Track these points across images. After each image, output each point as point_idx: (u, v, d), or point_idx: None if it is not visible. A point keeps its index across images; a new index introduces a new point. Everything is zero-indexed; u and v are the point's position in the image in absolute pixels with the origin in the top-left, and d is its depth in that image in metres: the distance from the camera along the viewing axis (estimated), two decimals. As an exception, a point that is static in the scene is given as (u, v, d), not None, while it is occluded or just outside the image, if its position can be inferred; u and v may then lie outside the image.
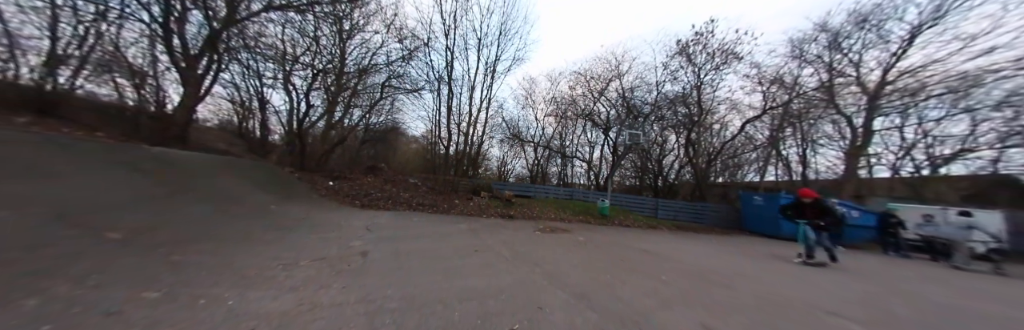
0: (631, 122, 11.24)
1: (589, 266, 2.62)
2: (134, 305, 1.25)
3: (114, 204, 2.15)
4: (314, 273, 1.92)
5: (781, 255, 4.44)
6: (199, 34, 5.86)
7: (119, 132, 4.32)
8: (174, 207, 2.54)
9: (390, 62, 9.24)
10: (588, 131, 14.08)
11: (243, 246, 2.26)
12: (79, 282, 1.34)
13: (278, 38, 7.65)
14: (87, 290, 1.30)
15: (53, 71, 4.25)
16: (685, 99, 10.97)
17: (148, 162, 3.05)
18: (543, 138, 14.73)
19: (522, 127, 15.09)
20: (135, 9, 5.04)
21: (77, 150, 2.53)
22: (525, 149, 15.41)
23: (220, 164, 4.53)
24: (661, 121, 11.80)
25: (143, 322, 1.14)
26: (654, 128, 12.07)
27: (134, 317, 1.16)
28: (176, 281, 1.53)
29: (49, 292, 1.22)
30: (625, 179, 14.90)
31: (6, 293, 1.15)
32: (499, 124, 14.41)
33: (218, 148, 6.80)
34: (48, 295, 1.20)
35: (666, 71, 11.03)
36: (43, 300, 1.17)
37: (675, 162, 12.59)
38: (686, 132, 11.21)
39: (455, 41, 9.24)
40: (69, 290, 1.27)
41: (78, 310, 1.15)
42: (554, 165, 15.62)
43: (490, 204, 7.13)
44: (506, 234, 4.12)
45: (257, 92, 8.96)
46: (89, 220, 1.85)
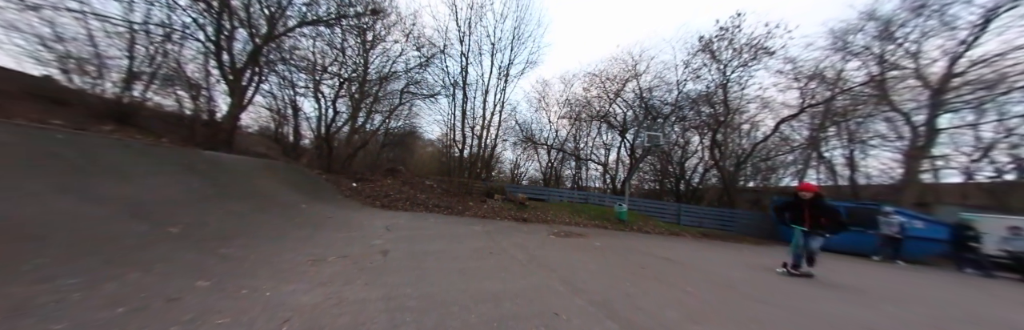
0: (650, 123, 10.64)
1: (607, 273, 2.54)
2: (190, 293, 1.40)
3: (174, 201, 2.42)
4: (340, 269, 2.03)
5: (829, 268, 3.89)
6: (244, 50, 6.51)
7: (179, 138, 4.88)
8: (221, 205, 2.81)
9: (408, 69, 9.71)
10: (603, 133, 13.73)
11: (278, 242, 2.44)
12: (147, 270, 1.52)
13: (309, 51, 8.29)
14: (153, 277, 1.47)
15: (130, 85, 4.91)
16: (709, 98, 10.22)
17: (201, 164, 3.41)
18: (557, 141, 14.53)
19: (535, 130, 15.00)
20: (193, 30, 5.73)
21: (147, 154, 2.89)
22: (538, 152, 15.34)
23: (259, 166, 4.94)
24: (683, 122, 11.07)
25: (197, 308, 1.27)
26: (675, 129, 11.37)
27: (190, 304, 1.30)
28: (223, 272, 1.69)
29: (124, 278, 1.40)
30: (644, 183, 14.25)
31: (93, 278, 1.34)
32: (512, 127, 14.50)
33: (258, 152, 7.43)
34: (123, 281, 1.38)
35: (687, 69, 10.37)
36: (119, 285, 1.34)
37: (699, 165, 11.76)
38: (711, 133, 10.40)
39: (470, 47, 9.54)
40: (140, 277, 1.44)
41: (146, 295, 1.31)
42: (568, 168, 15.38)
43: (503, 207, 7.16)
44: (520, 237, 4.11)
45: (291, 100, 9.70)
46: (155, 215, 2.09)
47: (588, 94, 12.86)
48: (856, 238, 6.12)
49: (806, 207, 3.08)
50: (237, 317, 1.24)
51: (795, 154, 11.14)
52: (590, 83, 12.73)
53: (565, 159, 14.96)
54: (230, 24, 5.94)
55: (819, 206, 3.08)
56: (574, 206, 8.37)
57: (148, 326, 1.09)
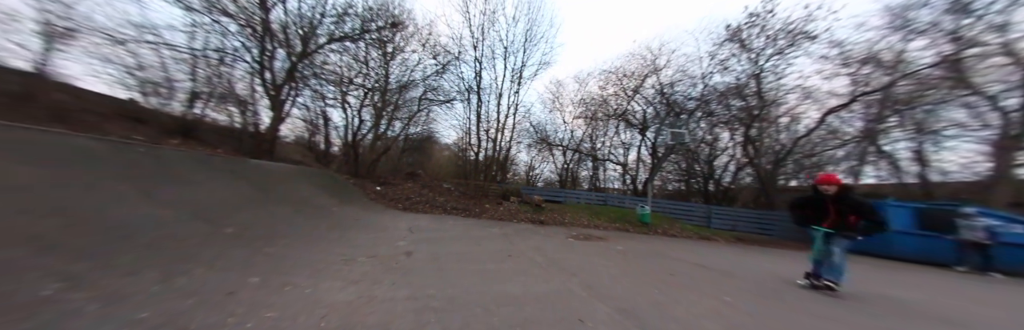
0: (673, 120, 9.92)
1: (632, 279, 2.42)
2: (243, 288, 1.55)
3: (228, 205, 2.70)
4: (369, 269, 2.14)
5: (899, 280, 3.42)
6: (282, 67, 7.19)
7: (230, 148, 5.47)
8: (266, 208, 3.09)
9: (425, 77, 10.15)
10: (622, 132, 13.15)
11: (314, 242, 2.63)
12: (209, 266, 1.70)
13: (337, 65, 8.96)
14: (214, 273, 1.64)
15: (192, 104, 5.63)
16: (740, 91, 9.22)
17: (249, 172, 3.79)
18: (572, 141, 14.21)
19: (550, 131, 14.76)
20: (242, 52, 6.45)
21: (206, 163, 3.27)
22: (553, 153, 15.14)
23: (296, 172, 5.38)
24: (710, 117, 10.06)
25: (250, 302, 1.40)
26: (701, 125, 10.41)
27: (244, 298, 1.44)
28: (269, 269, 1.85)
29: (191, 273, 1.58)
30: (667, 183, 13.40)
31: (168, 272, 1.52)
32: (526, 129, 14.48)
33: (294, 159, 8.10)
34: (191, 276, 1.56)
35: (714, 61, 9.49)
36: (188, 279, 1.51)
37: (730, 163, 10.70)
38: (744, 128, 9.39)
39: (483, 52, 9.78)
40: (203, 272, 1.62)
41: (208, 288, 1.46)
42: (585, 169, 15.00)
43: (520, 209, 7.15)
44: (538, 240, 4.07)
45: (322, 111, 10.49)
46: (213, 217, 2.35)
47: (604, 92, 12.41)
48: (928, 244, 5.32)
49: (829, 204, 2.44)
50: (282, 311, 1.35)
51: (846, 149, 9.47)
52: (606, 81, 12.26)
53: (581, 160, 14.62)
54: (271, 45, 6.60)
55: (847, 203, 2.41)
56: (592, 208, 8.14)
57: (212, 317, 1.22)
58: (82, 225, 1.59)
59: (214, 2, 5.74)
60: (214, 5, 5.76)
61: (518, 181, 15.41)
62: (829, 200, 2.45)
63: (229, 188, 3.02)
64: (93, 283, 1.26)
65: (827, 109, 8.90)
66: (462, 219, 5.84)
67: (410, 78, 10.07)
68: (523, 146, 15.19)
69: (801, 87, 9.39)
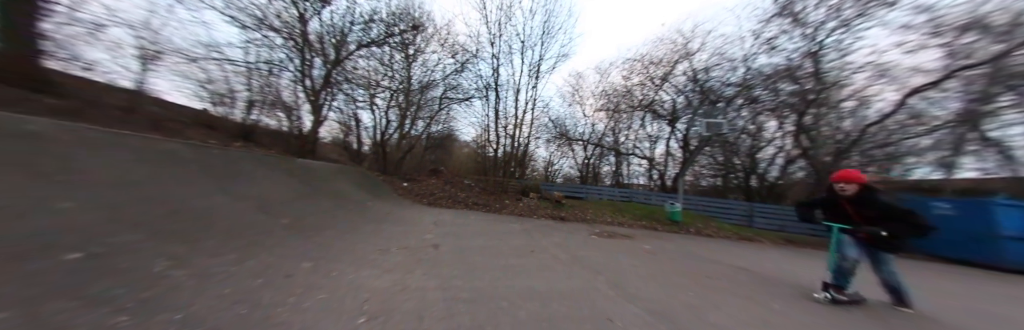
0: (708, 109, 8.81)
1: (663, 280, 2.29)
2: (298, 272, 1.76)
3: (283, 199, 3.07)
4: (401, 259, 2.31)
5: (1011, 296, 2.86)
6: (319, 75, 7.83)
7: (281, 149, 6.16)
8: (312, 202, 3.45)
9: (445, 76, 10.41)
10: (648, 124, 12.15)
11: (354, 234, 2.89)
12: (271, 252, 1.96)
13: (365, 70, 9.52)
14: (275, 258, 1.89)
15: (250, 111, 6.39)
16: (792, 73, 7.82)
17: (297, 170, 4.24)
18: (593, 135, 13.56)
19: (569, 125, 14.23)
20: (286, 63, 7.13)
21: (263, 162, 3.73)
22: (573, 148, 14.70)
23: (334, 170, 5.89)
24: (754, 104, 8.78)
25: (305, 284, 1.60)
26: (742, 114, 9.12)
27: (299, 281, 1.64)
28: (319, 257, 2.08)
29: (258, 257, 1.84)
30: (700, 178, 12.20)
31: (241, 256, 1.79)
32: (545, 124, 14.18)
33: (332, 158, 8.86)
34: (258, 259, 1.81)
35: (758, 41, 8.22)
36: (256, 263, 1.76)
37: (777, 156, 9.22)
38: (796, 115, 8.00)
39: (500, 48, 9.73)
40: (266, 257, 1.87)
41: (272, 271, 1.69)
42: (607, 164, 14.39)
43: (539, 205, 7.14)
44: (559, 236, 4.05)
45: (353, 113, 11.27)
46: (272, 209, 2.69)
47: (628, 82, 11.57)
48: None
49: (847, 206, 1.94)
50: (331, 293, 1.52)
51: (936, 136, 7.42)
52: (630, 70, 11.41)
53: (603, 154, 14.00)
54: (309, 55, 7.20)
55: (871, 206, 1.87)
56: (616, 205, 7.85)
57: (275, 295, 1.42)
58: (178, 214, 1.91)
59: (263, 19, 6.41)
60: (263, 22, 6.43)
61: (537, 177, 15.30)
62: (846, 202, 1.95)
63: (282, 184, 3.41)
64: (189, 262, 1.52)
65: (910, 89, 7.07)
66: (483, 214, 6.00)
67: (431, 78, 10.41)
68: (541, 142, 14.96)
69: (874, 64, 7.52)
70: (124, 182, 1.89)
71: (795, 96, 8.09)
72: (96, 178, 1.78)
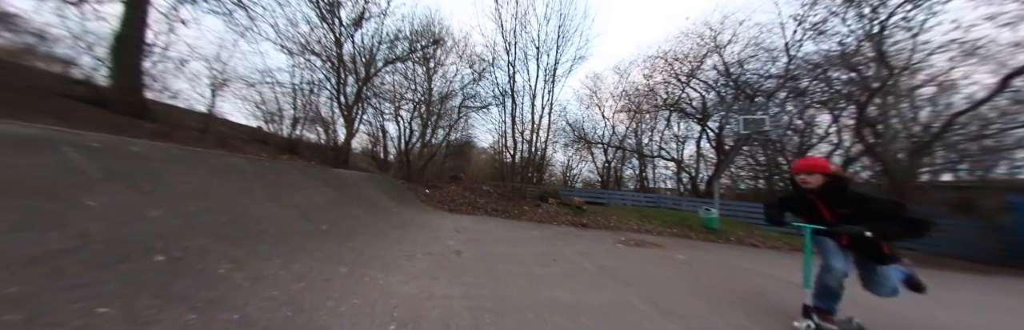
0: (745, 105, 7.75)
1: (703, 295, 2.07)
2: (335, 276, 1.87)
3: (322, 206, 3.32)
4: (426, 266, 2.35)
5: None
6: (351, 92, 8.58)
7: (319, 160, 6.74)
8: (346, 209, 3.68)
9: (464, 86, 10.89)
10: (674, 124, 11.53)
11: (383, 239, 3.02)
12: (312, 256, 2.11)
13: (391, 84, 10.28)
14: (316, 262, 2.03)
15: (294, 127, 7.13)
16: (847, 59, 6.68)
17: (333, 179, 4.59)
18: (614, 137, 13.18)
19: (588, 128, 13.95)
20: (323, 82, 7.94)
21: (305, 173, 4.10)
22: (592, 151, 14.29)
23: (365, 179, 6.28)
24: (801, 97, 7.72)
25: (341, 289, 1.68)
26: (787, 109, 8.05)
27: (336, 285, 1.73)
28: (353, 262, 2.19)
29: (301, 261, 1.98)
30: (738, 181, 10.96)
31: (287, 260, 1.94)
32: (562, 128, 13.99)
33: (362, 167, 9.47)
34: (301, 263, 1.95)
35: (801, 26, 7.27)
36: (300, 266, 1.90)
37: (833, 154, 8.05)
38: (856, 107, 6.81)
39: (516, 55, 10.01)
40: (309, 261, 2.01)
41: (313, 275, 1.81)
42: (629, 167, 13.77)
43: (559, 211, 6.98)
44: (582, 244, 3.91)
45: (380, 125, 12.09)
46: (312, 217, 2.91)
47: (650, 81, 11.06)
48: None
49: (818, 202, 1.50)
50: (364, 298, 1.59)
51: None
52: (652, 68, 10.93)
53: (626, 157, 13.44)
54: (343, 74, 7.97)
55: (844, 200, 1.43)
56: (641, 211, 7.41)
57: (316, 299, 1.50)
58: (238, 221, 2.14)
59: (306, 45, 7.30)
60: (306, 47, 7.32)
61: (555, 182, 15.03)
62: (815, 197, 1.50)
63: (321, 193, 3.70)
64: (246, 266, 1.68)
65: (1012, 69, 5.62)
66: (502, 221, 5.97)
67: (450, 88, 10.96)
68: (559, 146, 14.74)
69: (958, 42, 6.01)
70: (198, 193, 2.18)
71: (853, 85, 6.92)
72: (178, 190, 2.07)
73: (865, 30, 6.44)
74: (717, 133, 9.61)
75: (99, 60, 4.47)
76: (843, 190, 1.44)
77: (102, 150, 1.91)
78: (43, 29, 4.37)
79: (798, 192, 1.58)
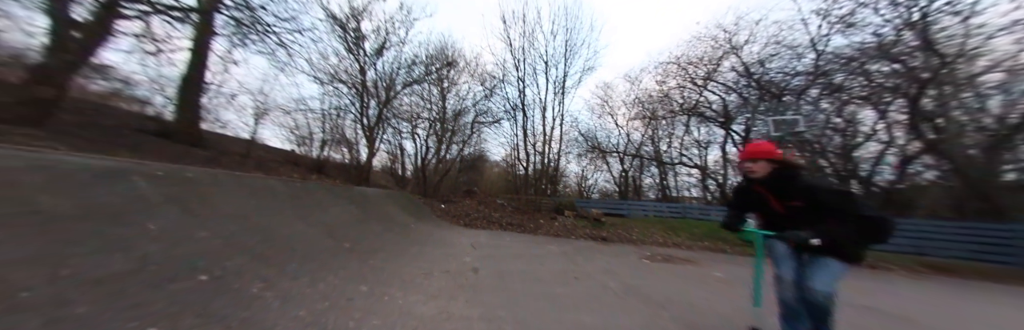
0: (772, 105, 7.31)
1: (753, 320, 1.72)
2: (358, 295, 1.87)
3: (345, 224, 3.43)
4: (444, 284, 2.30)
5: None
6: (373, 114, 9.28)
7: (344, 179, 7.12)
8: (367, 226, 3.78)
9: (476, 102, 11.46)
10: (694, 129, 11.09)
11: (401, 256, 3.02)
12: (337, 275, 2.14)
13: (408, 105, 11.02)
14: (340, 280, 2.05)
15: (323, 149, 7.74)
16: (886, 50, 6.09)
17: (356, 197, 4.79)
18: (629, 146, 12.78)
19: (601, 137, 13.64)
20: (348, 107, 8.70)
21: (331, 191, 4.32)
22: (608, 161, 13.90)
23: (384, 195, 6.49)
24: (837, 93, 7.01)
25: (363, 309, 1.67)
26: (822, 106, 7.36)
27: (358, 304, 1.73)
28: (374, 280, 2.19)
29: (327, 280, 2.01)
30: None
31: (313, 279, 1.98)
32: (574, 138, 13.85)
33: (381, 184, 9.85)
34: (327, 282, 1.98)
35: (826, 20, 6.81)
36: (325, 285, 1.93)
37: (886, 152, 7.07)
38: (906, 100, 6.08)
39: (525, 71, 10.49)
40: (333, 280, 2.04)
41: (337, 294, 1.82)
42: (648, 175, 13.13)
43: (576, 224, 6.71)
44: (604, 260, 3.69)
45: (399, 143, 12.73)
46: (337, 234, 3.00)
47: (664, 87, 10.69)
48: None
49: (767, 194, 1.29)
50: (384, 319, 1.56)
51: None
52: (665, 74, 10.55)
53: (644, 166, 12.90)
54: (366, 98, 8.72)
55: (792, 191, 1.21)
56: (666, 222, 6.99)
57: (339, 319, 1.50)
58: (271, 240, 2.26)
59: (334, 75, 8.22)
60: (334, 77, 8.22)
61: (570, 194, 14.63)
62: (763, 188, 1.29)
63: (345, 211, 3.85)
64: (276, 284, 1.73)
65: None
66: (518, 235, 5.81)
67: (463, 106, 11.55)
68: (572, 156, 14.51)
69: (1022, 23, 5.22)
70: (238, 214, 2.35)
71: (899, 77, 6.17)
72: (221, 212, 2.25)
73: (903, 18, 5.84)
74: (743, 136, 8.95)
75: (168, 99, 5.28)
76: (792, 179, 1.22)
77: (163, 178, 2.16)
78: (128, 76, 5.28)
79: (747, 184, 1.38)
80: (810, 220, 1.13)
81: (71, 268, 1.19)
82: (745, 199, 1.43)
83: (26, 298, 1.01)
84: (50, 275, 1.13)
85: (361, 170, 8.53)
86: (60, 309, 1.03)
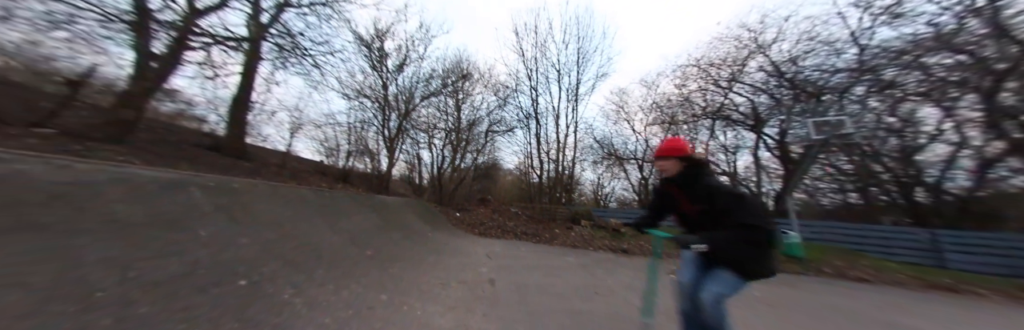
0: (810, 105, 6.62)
1: None
2: (378, 304, 1.88)
3: (367, 232, 3.54)
4: (461, 295, 2.26)
5: None
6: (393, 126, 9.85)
7: (366, 188, 7.46)
8: (387, 234, 3.87)
9: (489, 112, 11.80)
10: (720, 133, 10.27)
11: (420, 265, 3.04)
12: (359, 283, 2.18)
13: (425, 117, 11.59)
14: (362, 289, 2.08)
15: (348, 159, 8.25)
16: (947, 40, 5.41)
17: (377, 205, 4.97)
18: (649, 152, 12.31)
19: (618, 143, 13.29)
20: (371, 120, 9.33)
21: (355, 200, 4.53)
22: (625, 168, 13.43)
23: (402, 204, 6.68)
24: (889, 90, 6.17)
25: (383, 318, 1.67)
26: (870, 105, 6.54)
27: (379, 313, 1.74)
28: (393, 289, 2.21)
29: (350, 288, 2.06)
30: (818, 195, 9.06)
31: (337, 287, 2.03)
32: (589, 145, 13.58)
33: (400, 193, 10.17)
34: (350, 290, 2.02)
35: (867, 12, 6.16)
36: (348, 293, 1.97)
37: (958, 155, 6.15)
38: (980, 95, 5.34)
39: (537, 80, 10.69)
40: (356, 288, 2.08)
41: (359, 302, 1.85)
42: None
43: (594, 234, 6.43)
44: (627, 274, 3.46)
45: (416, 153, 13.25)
46: (360, 242, 3.10)
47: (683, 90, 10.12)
48: None
49: (679, 195, 1.21)
50: None
51: None
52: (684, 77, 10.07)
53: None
54: (387, 111, 9.33)
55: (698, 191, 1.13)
56: None
57: (360, 327, 1.51)
58: (302, 247, 2.37)
59: (360, 91, 8.96)
60: (360, 92, 8.95)
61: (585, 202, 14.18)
62: (675, 189, 1.22)
63: (367, 219, 3.99)
64: (305, 291, 1.79)
65: None
66: (533, 245, 5.65)
67: (477, 116, 11.93)
68: (587, 164, 14.19)
69: None
70: (274, 222, 2.52)
71: (965, 69, 5.46)
72: (260, 219, 2.43)
73: (965, 5, 5.28)
74: (778, 140, 7.99)
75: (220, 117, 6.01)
76: (697, 178, 1.15)
77: (214, 188, 2.39)
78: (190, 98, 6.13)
79: (662, 184, 1.32)
80: (712, 224, 1.07)
81: (137, 270, 1.33)
82: (660, 200, 1.35)
83: (100, 298, 1.13)
84: (120, 276, 1.26)
85: (382, 179, 8.91)
86: (126, 309, 1.14)
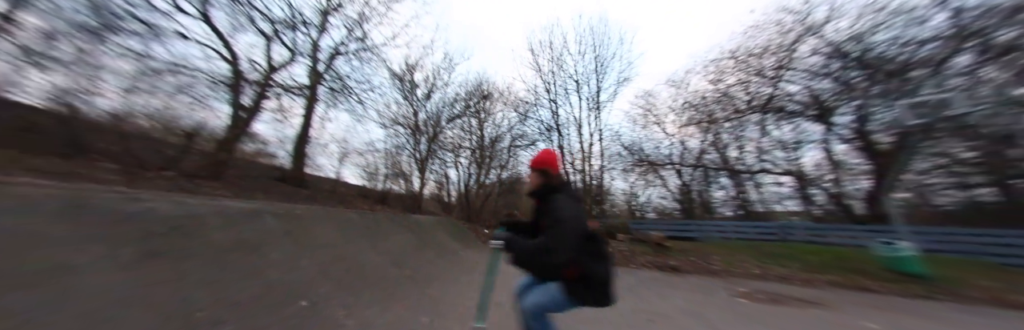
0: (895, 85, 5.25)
1: None
2: (420, 327, 1.86)
3: (406, 252, 3.67)
4: (499, 319, 2.13)
5: None
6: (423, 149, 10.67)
7: (401, 208, 7.93)
8: (422, 253, 3.96)
9: (511, 128, 12.24)
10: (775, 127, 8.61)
11: (454, 285, 3.00)
12: (401, 303, 2.21)
13: (451, 137, 12.39)
14: (404, 311, 2.10)
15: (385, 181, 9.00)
16: None
17: (412, 225, 5.20)
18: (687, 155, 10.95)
19: (649, 149, 12.10)
20: (404, 145, 10.26)
21: (393, 220, 4.81)
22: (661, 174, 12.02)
23: (434, 222, 6.88)
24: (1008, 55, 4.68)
25: (426, 343, 1.64)
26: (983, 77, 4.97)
27: (422, 337, 1.71)
28: (432, 311, 2.19)
29: (393, 310, 2.09)
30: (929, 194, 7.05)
31: (382, 309, 2.08)
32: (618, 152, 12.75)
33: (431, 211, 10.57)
34: (394, 312, 2.05)
35: None
36: (391, 316, 2.00)
37: None
38: None
39: (556, 92, 10.90)
40: (398, 310, 2.11)
41: (401, 325, 1.85)
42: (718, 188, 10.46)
43: (633, 249, 5.82)
44: (682, 298, 3.02)
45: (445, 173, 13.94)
46: (400, 262, 3.21)
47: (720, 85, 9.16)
48: None
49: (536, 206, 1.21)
50: (448, 358, 1.48)
51: None
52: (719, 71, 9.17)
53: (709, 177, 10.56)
54: (417, 136, 10.23)
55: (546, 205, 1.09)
56: (759, 247, 5.42)
57: (407, 354, 1.49)
58: (351, 269, 2.53)
59: (395, 119, 10.08)
60: (395, 121, 10.08)
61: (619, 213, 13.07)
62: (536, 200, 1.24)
63: (405, 238, 4.17)
64: (355, 312, 1.87)
65: None
66: (568, 262, 5.25)
67: (499, 133, 12.42)
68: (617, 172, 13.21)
69: None
70: (329, 244, 2.76)
71: None
72: (317, 242, 2.68)
73: None
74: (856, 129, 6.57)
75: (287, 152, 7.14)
76: (548, 196, 1.15)
77: (283, 215, 2.75)
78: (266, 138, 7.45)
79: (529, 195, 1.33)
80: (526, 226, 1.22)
81: (226, 291, 1.53)
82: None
83: (199, 317, 1.31)
84: (214, 297, 1.46)
85: (415, 199, 9.43)
86: (215, 328, 1.29)
